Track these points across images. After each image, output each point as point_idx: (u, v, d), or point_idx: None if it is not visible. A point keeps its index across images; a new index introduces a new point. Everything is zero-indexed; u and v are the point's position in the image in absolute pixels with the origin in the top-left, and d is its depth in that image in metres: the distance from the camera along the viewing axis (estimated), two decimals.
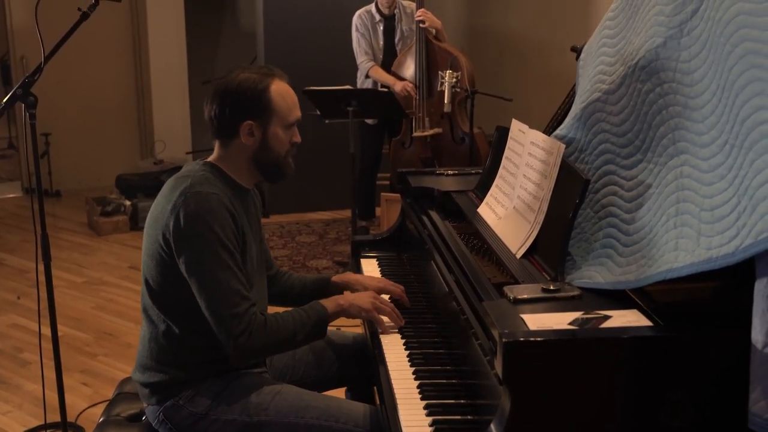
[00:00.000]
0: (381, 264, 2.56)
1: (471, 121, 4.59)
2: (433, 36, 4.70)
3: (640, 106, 1.74)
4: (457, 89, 4.53)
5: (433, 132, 4.71)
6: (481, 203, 2.20)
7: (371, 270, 2.51)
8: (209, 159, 2.01)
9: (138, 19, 6.75)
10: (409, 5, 4.86)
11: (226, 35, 7.85)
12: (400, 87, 4.65)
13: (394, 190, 4.65)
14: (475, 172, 2.56)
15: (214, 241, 1.84)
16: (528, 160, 1.98)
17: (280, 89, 1.95)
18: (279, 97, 1.94)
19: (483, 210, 2.17)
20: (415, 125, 4.73)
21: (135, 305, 4.16)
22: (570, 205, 1.71)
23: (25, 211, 6.07)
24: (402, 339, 2.01)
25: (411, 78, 4.72)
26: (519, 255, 1.84)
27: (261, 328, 1.87)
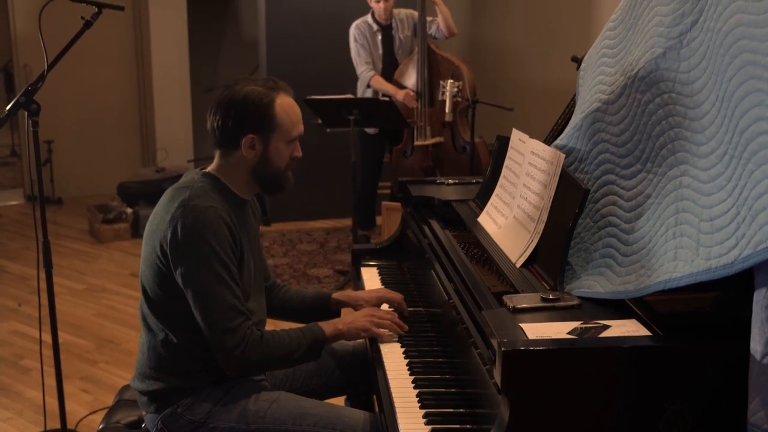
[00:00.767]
0: (381, 273, 2.56)
1: (472, 131, 4.61)
2: (445, 25, 4.70)
3: (639, 116, 1.75)
4: (459, 98, 4.54)
5: (435, 141, 4.72)
6: (482, 212, 2.20)
7: (371, 278, 2.51)
8: (209, 168, 2.00)
9: (141, 28, 6.78)
10: (404, 12, 4.87)
11: (228, 44, 7.87)
12: (402, 96, 4.66)
13: (394, 198, 4.66)
14: (476, 181, 2.56)
15: (210, 255, 1.84)
16: (528, 169, 1.98)
17: (284, 104, 1.94)
18: (283, 112, 1.94)
19: (483, 219, 2.17)
20: (417, 134, 4.74)
21: (136, 312, 4.10)
22: (570, 215, 1.71)
23: (27, 219, 6.08)
24: (401, 348, 2.01)
25: (413, 87, 4.73)
26: (519, 264, 1.84)
27: (256, 343, 1.87)
